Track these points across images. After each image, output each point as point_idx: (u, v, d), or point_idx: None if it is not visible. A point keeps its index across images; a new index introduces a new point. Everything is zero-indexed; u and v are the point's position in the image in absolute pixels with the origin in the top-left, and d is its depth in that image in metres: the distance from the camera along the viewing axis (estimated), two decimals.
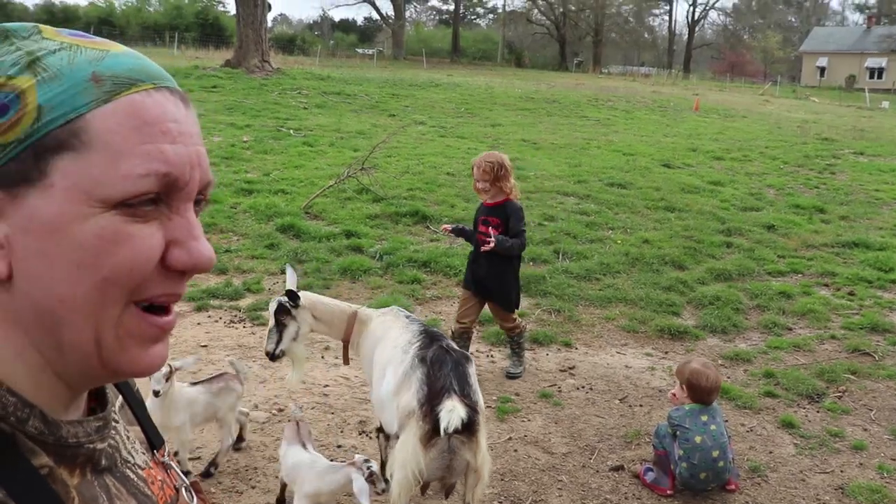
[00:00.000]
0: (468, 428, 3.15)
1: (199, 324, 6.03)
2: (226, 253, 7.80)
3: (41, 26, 0.72)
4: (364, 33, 76.96)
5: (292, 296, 3.89)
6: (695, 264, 8.30)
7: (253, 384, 4.98)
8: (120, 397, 0.92)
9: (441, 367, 3.31)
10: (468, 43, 68.31)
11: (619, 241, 8.94)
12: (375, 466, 3.22)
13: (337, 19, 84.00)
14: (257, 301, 6.53)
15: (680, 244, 8.93)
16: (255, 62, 26.63)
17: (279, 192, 10.37)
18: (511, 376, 5.37)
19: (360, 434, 4.52)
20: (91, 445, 0.76)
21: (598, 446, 4.54)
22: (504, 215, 5.25)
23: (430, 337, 3.57)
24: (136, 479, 0.84)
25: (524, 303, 6.83)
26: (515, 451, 4.42)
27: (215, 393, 3.98)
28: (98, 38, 0.74)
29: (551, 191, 11.43)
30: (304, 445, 3.56)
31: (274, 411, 4.70)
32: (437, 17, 78.77)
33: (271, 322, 3.93)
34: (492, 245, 5.02)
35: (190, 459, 4.00)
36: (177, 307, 0.76)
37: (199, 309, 6.33)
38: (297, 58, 43.18)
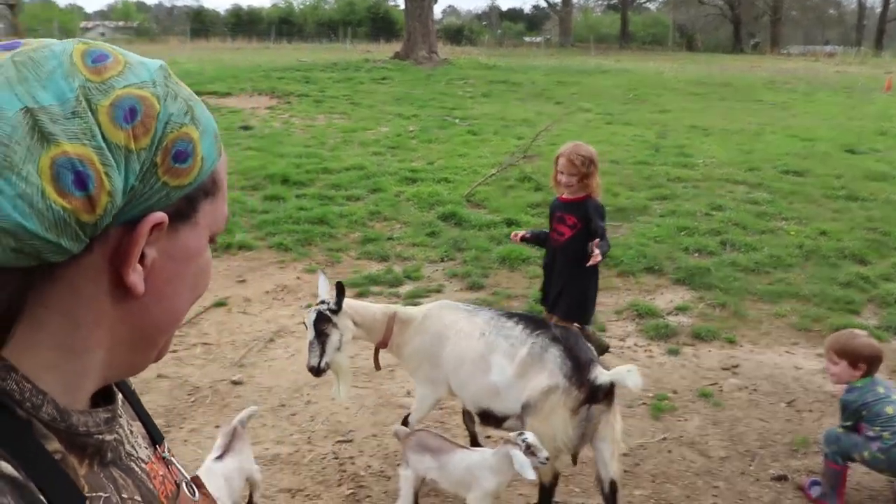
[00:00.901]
0: (607, 396, 3.36)
1: None
2: (388, 241, 8.00)
3: (162, 63, 0.79)
4: (531, 21, 76.60)
5: (334, 301, 3.70)
6: (879, 259, 7.67)
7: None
8: (120, 394, 0.93)
9: (576, 342, 3.49)
10: (637, 27, 66.38)
11: (793, 233, 8.40)
12: (531, 437, 3.16)
13: (504, 8, 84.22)
14: (416, 288, 6.65)
15: (862, 236, 8.28)
16: (423, 53, 27.13)
17: (442, 180, 10.51)
18: None
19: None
20: (100, 436, 0.78)
21: (759, 452, 4.28)
22: (584, 213, 4.72)
23: (531, 320, 3.69)
24: (139, 472, 0.86)
25: (686, 294, 6.58)
26: (669, 451, 4.25)
27: (239, 452, 3.41)
28: (183, 86, 0.80)
29: (720, 179, 10.91)
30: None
31: None
32: (606, 3, 77.14)
33: (311, 334, 3.67)
34: (598, 259, 4.51)
35: None
36: None
37: (359, 295, 6.51)
38: (464, 48, 43.66)
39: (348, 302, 3.81)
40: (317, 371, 3.66)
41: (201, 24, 62.11)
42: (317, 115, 16.92)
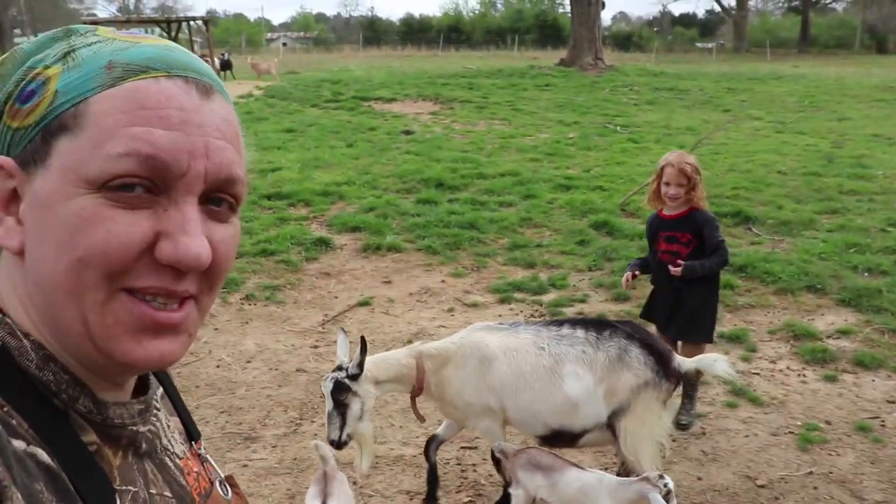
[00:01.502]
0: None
1: (499, 315, 6.16)
2: (536, 248, 7.92)
3: (99, 27, 0.76)
4: (705, 26, 73.93)
5: (355, 364, 3.34)
6: None
7: None
8: (161, 388, 0.91)
9: (649, 336, 3.54)
10: (820, 30, 62.45)
11: None
12: (672, 484, 2.99)
13: (677, 14, 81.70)
14: (560, 297, 6.53)
15: None
16: (589, 60, 26.83)
17: (597, 188, 10.31)
18: (683, 426, 4.35)
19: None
20: (134, 427, 0.77)
21: None
22: (695, 228, 4.37)
23: (589, 322, 3.60)
24: (173, 467, 0.85)
25: (851, 317, 6.09)
26: (815, 488, 3.90)
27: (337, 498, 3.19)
28: (148, 36, 0.76)
29: None
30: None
31: None
32: (786, 5, 73.06)
33: (330, 405, 3.35)
34: (679, 271, 4.26)
35: None
36: (480, 297, 0.74)
37: (502, 301, 6.48)
38: (632, 54, 42.81)
39: (370, 360, 3.43)
40: (338, 445, 3.34)
41: (374, 33, 64.40)
42: (478, 120, 17.07)
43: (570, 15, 29.40)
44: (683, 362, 3.41)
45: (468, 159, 12.16)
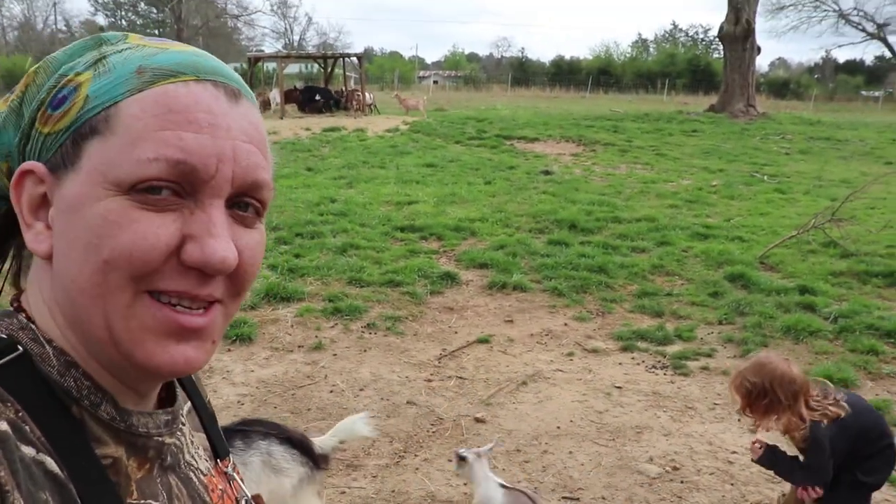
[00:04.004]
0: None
1: (619, 364, 5.99)
2: (666, 296, 7.66)
3: (129, 34, 0.77)
4: (872, 74, 70.05)
5: None
6: None
7: (656, 435, 4.80)
8: (189, 403, 0.92)
9: (282, 429, 3.11)
10: None
11: None
12: None
13: (842, 60, 77.93)
14: (685, 349, 6.28)
15: None
16: (740, 107, 26.04)
17: (736, 238, 9.91)
18: None
19: None
20: (160, 438, 0.77)
21: None
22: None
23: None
24: (197, 483, 0.84)
25: None
26: None
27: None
28: (175, 42, 0.77)
29: None
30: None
31: (668, 468, 4.44)
32: None
33: None
34: (756, 456, 3.42)
35: None
36: (602, 343, 0.71)
37: (624, 349, 6.29)
38: (788, 102, 41.18)
39: None
40: None
41: (524, 74, 64.94)
42: (619, 164, 16.85)
43: (723, 60, 28.63)
44: (324, 442, 3.13)
45: (605, 202, 11.98)
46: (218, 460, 0.94)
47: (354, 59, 30.30)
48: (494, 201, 11.99)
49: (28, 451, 0.64)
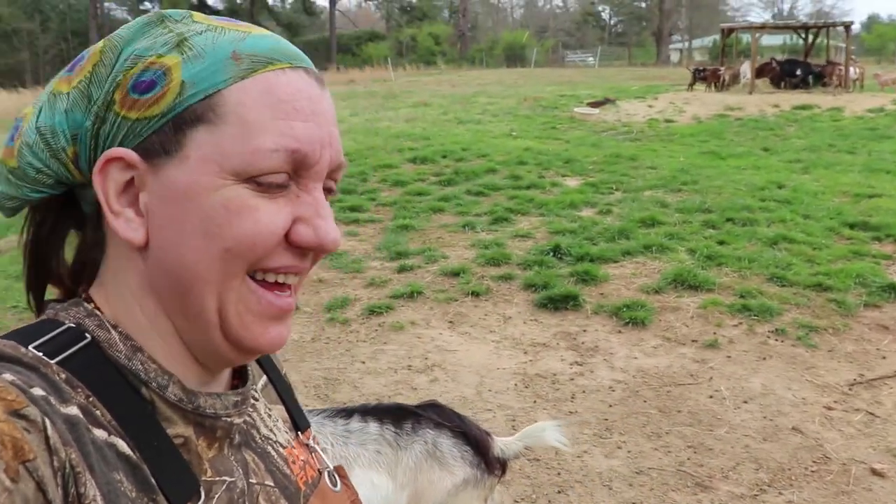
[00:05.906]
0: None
1: None
2: None
3: (192, 12, 0.76)
4: None
5: None
6: None
7: None
8: (264, 377, 0.94)
9: (460, 421, 2.94)
10: None
11: None
12: None
13: None
14: None
15: None
16: None
17: None
18: None
19: None
20: (228, 419, 0.78)
21: None
22: None
23: (391, 412, 2.86)
24: (276, 456, 0.86)
25: None
26: None
27: None
28: (242, 23, 0.76)
29: None
30: None
31: None
32: None
33: None
34: None
35: None
36: None
37: None
38: None
39: None
40: None
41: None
42: None
43: None
44: (508, 445, 2.87)
45: None
46: (299, 432, 0.96)
47: (841, 28, 27.29)
48: None
49: (100, 433, 0.65)
